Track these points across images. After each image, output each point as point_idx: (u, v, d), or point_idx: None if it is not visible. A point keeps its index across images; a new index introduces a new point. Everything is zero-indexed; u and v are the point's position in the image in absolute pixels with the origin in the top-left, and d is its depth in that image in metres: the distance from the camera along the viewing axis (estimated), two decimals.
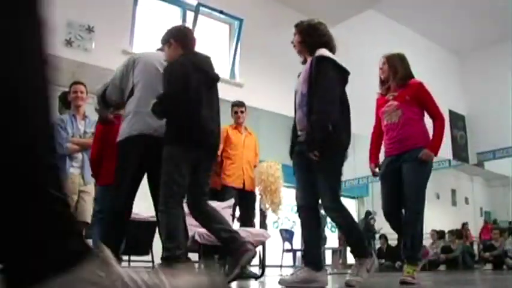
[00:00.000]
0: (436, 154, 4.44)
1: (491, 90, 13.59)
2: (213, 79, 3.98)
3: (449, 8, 11.96)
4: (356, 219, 14.64)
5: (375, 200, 14.57)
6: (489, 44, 13.45)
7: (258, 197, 6.57)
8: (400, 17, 12.49)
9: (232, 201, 5.81)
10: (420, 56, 13.47)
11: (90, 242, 4.66)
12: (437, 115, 4.56)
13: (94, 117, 5.03)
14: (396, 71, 4.59)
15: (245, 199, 6.26)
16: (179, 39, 3.99)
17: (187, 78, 3.75)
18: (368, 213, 13.87)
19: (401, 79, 4.56)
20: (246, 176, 6.27)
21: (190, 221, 5.01)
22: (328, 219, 14.77)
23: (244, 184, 6.23)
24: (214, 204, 5.44)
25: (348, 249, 4.61)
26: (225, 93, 9.12)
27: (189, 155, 3.77)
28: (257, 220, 7.11)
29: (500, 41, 13.09)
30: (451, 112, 13.97)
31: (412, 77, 4.62)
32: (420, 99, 4.52)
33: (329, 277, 6.85)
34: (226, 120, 7.69)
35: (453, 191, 18.62)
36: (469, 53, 14.21)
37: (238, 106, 6.49)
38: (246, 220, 6.15)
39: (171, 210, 3.69)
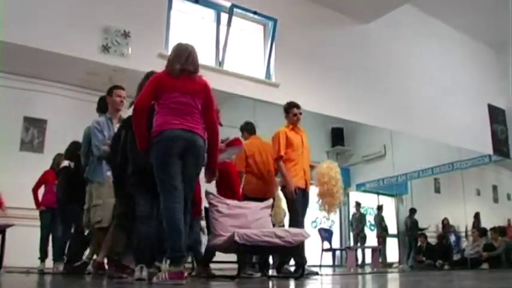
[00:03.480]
0: None
1: None
2: None
3: (485, 1, 11.74)
4: (396, 217, 14.49)
5: (414, 198, 14.38)
6: None
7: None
8: (436, 12, 12.32)
9: (270, 201, 5.81)
10: (457, 50, 13.27)
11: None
12: None
13: None
14: None
15: (307, 198, 6.29)
16: None
17: None
18: (413, 210, 13.67)
19: None
20: (307, 176, 6.31)
21: (230, 222, 5.03)
22: (368, 218, 14.45)
23: (306, 184, 6.28)
24: (251, 204, 5.46)
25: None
26: (261, 93, 9.19)
27: None
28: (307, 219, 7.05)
29: None
30: (490, 106, 13.68)
31: None
32: None
33: (368, 276, 6.79)
34: (267, 123, 7.66)
35: (494, 187, 18.17)
36: (507, 45, 13.89)
37: (298, 108, 6.55)
38: (303, 219, 6.24)
39: None
